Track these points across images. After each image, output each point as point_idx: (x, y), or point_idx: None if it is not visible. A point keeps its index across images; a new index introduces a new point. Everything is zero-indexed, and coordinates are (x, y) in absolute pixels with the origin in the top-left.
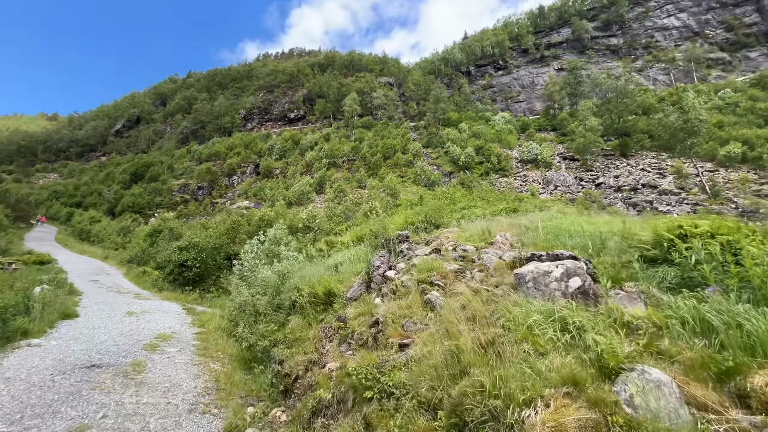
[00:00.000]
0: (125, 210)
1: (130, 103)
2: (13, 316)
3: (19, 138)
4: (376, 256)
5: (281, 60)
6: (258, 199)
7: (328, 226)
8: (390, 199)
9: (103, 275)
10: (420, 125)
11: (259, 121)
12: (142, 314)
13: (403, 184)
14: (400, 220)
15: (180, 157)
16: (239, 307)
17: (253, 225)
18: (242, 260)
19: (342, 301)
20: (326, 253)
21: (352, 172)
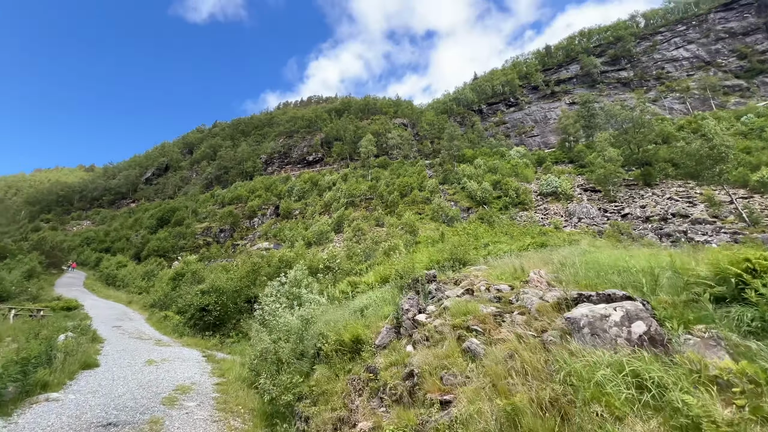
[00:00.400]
0: (150, 254)
1: (159, 153)
2: (35, 367)
3: (58, 189)
4: (404, 298)
5: (300, 107)
6: (278, 240)
7: (349, 265)
8: (409, 236)
9: (126, 321)
10: (435, 163)
11: (279, 165)
12: (162, 362)
13: (421, 221)
14: (425, 259)
15: (204, 202)
16: (260, 355)
17: (273, 266)
18: (262, 304)
19: (370, 348)
20: (350, 295)
21: (369, 210)
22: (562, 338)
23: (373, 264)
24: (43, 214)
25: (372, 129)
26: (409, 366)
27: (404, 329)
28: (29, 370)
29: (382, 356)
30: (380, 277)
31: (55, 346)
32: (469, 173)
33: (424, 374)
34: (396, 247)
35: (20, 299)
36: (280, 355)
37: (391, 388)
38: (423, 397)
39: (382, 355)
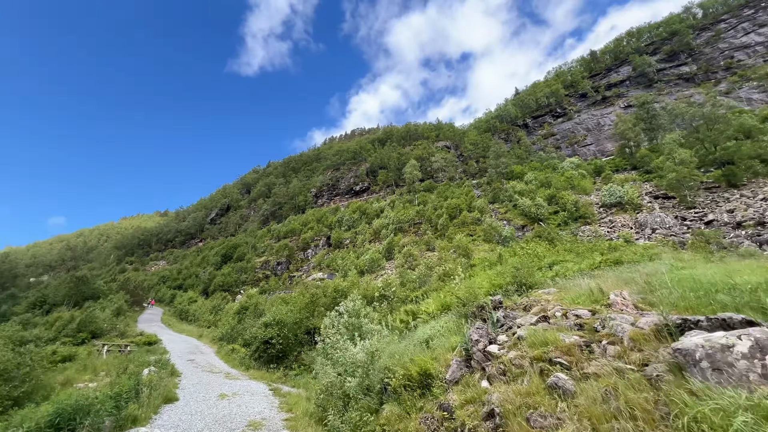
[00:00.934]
0: (216, 289)
1: (221, 194)
2: (126, 402)
3: (139, 234)
4: (471, 328)
5: (344, 141)
6: (331, 269)
7: (404, 293)
8: (463, 259)
9: (198, 354)
10: (482, 182)
11: (328, 197)
12: (233, 396)
13: (474, 243)
14: (485, 283)
15: (262, 237)
16: (326, 390)
17: (329, 297)
18: (324, 336)
19: (441, 383)
20: (411, 325)
21: (419, 235)
22: (672, 373)
23: (429, 290)
24: (127, 257)
25: (415, 154)
26: (488, 404)
27: (476, 362)
28: (122, 404)
29: (456, 392)
30: (441, 304)
31: (140, 380)
32: (520, 189)
33: (507, 414)
34: (452, 272)
35: (110, 335)
36: (346, 390)
37: (470, 430)
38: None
39: (455, 391)
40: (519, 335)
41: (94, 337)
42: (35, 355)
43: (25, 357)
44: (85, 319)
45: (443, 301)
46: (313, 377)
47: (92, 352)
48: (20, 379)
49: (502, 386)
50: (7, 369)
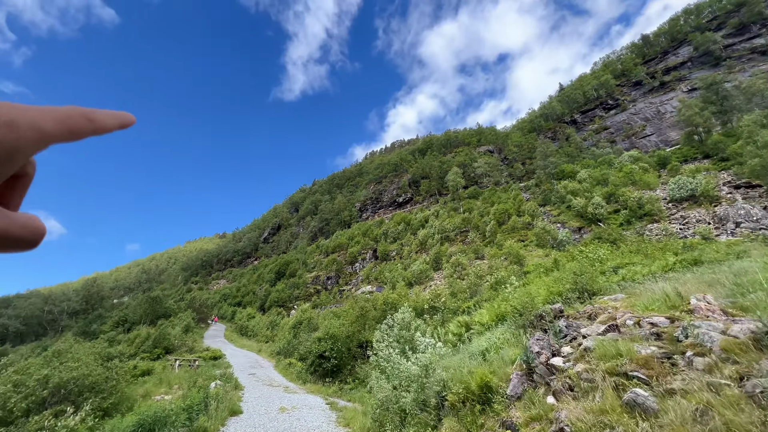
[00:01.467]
0: (272, 305)
1: (272, 214)
2: (197, 414)
3: (202, 255)
4: (531, 339)
5: (385, 154)
6: (379, 282)
7: (455, 303)
8: (515, 266)
9: (258, 368)
10: (530, 184)
11: (372, 210)
12: (293, 410)
13: (526, 249)
14: (542, 291)
15: (311, 253)
16: (382, 405)
17: (378, 310)
18: (376, 349)
19: (502, 399)
20: (464, 337)
21: (466, 243)
22: None
23: (481, 300)
24: (192, 277)
25: (457, 161)
26: (556, 423)
27: (539, 376)
28: (193, 416)
29: (519, 409)
30: (495, 315)
31: (209, 394)
32: (573, 189)
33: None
34: (505, 280)
35: (181, 351)
36: (402, 405)
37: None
38: None
39: (517, 408)
40: (586, 346)
41: (168, 353)
42: (120, 369)
43: (112, 371)
44: (159, 336)
45: (497, 311)
46: (368, 391)
47: (166, 366)
48: (108, 391)
49: (571, 403)
50: (97, 382)
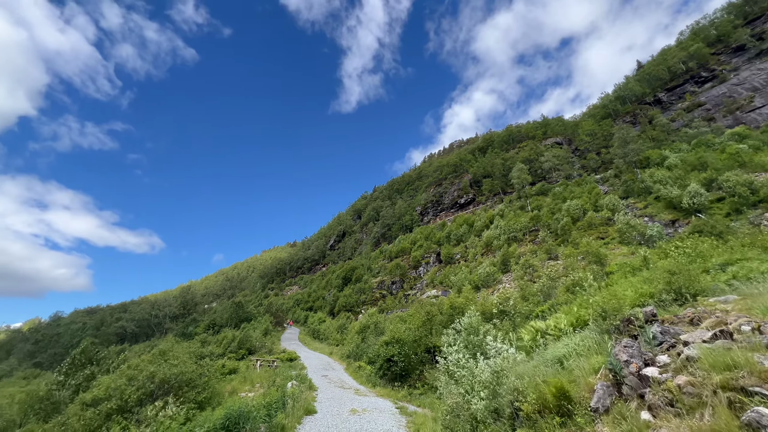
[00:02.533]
0: (340, 309)
1: (337, 222)
2: (276, 411)
3: (276, 263)
4: (618, 346)
5: (443, 155)
6: (444, 286)
7: (527, 308)
8: (595, 267)
9: (330, 370)
10: (608, 176)
11: (433, 213)
12: (363, 413)
13: (606, 247)
14: (630, 293)
15: (375, 258)
16: (452, 411)
17: (445, 314)
18: (445, 354)
19: (585, 411)
20: (539, 342)
21: (536, 243)
22: None
23: (556, 304)
24: (269, 284)
25: (521, 157)
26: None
27: (628, 388)
28: (272, 413)
29: (606, 424)
30: (574, 318)
31: (286, 393)
32: (662, 178)
33: None
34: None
35: (261, 352)
36: (473, 413)
37: None
38: None
39: (605, 423)
40: (688, 355)
41: (250, 353)
42: (210, 367)
43: (204, 369)
44: (243, 338)
45: (576, 315)
46: (437, 397)
47: (249, 366)
48: (202, 386)
49: (672, 420)
50: (192, 378)
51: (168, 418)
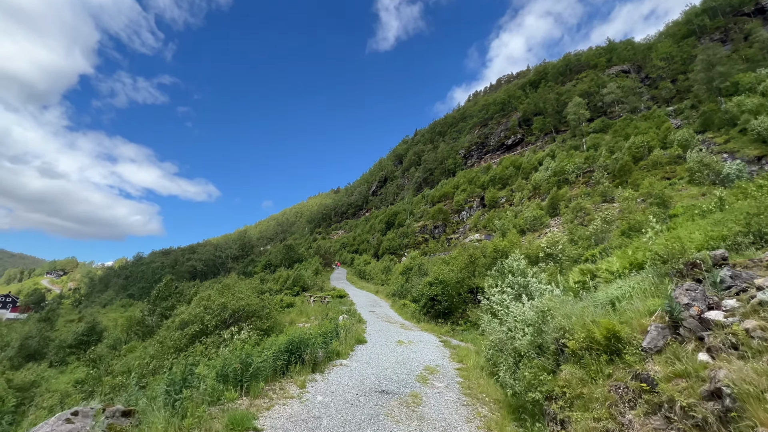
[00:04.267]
0: (384, 252)
1: (378, 168)
2: (331, 339)
3: (321, 209)
4: (679, 288)
5: (490, 93)
6: (488, 230)
7: (576, 251)
8: (657, 209)
9: (377, 307)
10: (683, 107)
11: (478, 156)
12: (409, 344)
13: (672, 188)
14: (697, 235)
15: (417, 203)
16: (495, 346)
17: (488, 257)
18: (488, 294)
19: (636, 351)
20: (589, 285)
21: (590, 185)
22: None
23: (608, 248)
24: (316, 228)
25: (579, 90)
26: (711, 382)
27: (686, 330)
28: (328, 341)
29: (658, 363)
30: (629, 262)
31: (338, 324)
32: (752, 107)
33: (743, 397)
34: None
35: (314, 289)
36: (517, 348)
37: (684, 408)
38: (749, 431)
39: (656, 362)
40: (761, 300)
41: (304, 290)
42: (270, 301)
43: (266, 302)
44: (297, 277)
45: (631, 258)
46: (479, 334)
47: (304, 301)
48: (265, 317)
49: (734, 362)
50: (257, 310)
51: (241, 341)
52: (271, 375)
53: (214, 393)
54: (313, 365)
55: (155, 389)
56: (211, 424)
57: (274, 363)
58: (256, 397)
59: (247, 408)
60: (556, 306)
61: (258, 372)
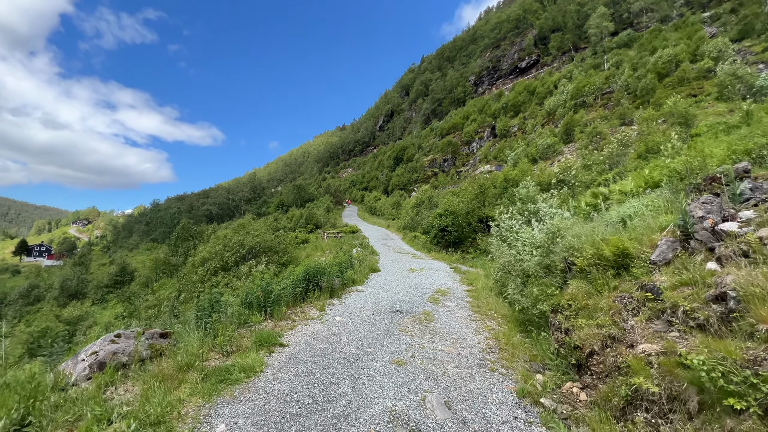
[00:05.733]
0: (394, 188)
1: (384, 102)
2: (345, 269)
3: (328, 148)
4: (694, 203)
5: (503, 8)
6: (498, 161)
7: (589, 176)
8: (679, 128)
9: (389, 240)
10: (721, 11)
11: (489, 82)
12: (421, 271)
13: (698, 106)
14: (719, 150)
15: (425, 136)
16: (504, 268)
17: (498, 187)
18: (498, 221)
19: (643, 264)
20: (601, 207)
21: (608, 108)
22: None
23: (623, 172)
24: (324, 168)
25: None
26: (717, 287)
27: (697, 242)
28: (343, 270)
29: (665, 274)
30: (644, 181)
31: (352, 256)
32: None
33: (747, 299)
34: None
35: (326, 226)
36: (525, 269)
37: (686, 312)
38: (749, 328)
39: (663, 273)
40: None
41: (317, 228)
42: (285, 237)
43: (281, 238)
44: (309, 215)
45: (647, 178)
46: (489, 260)
47: (318, 237)
48: (281, 252)
49: (743, 269)
50: (273, 246)
51: (260, 273)
52: (292, 301)
53: (240, 317)
54: (330, 292)
55: (186, 315)
56: (240, 342)
57: (293, 290)
58: (279, 320)
59: (272, 329)
60: (566, 227)
61: (279, 298)
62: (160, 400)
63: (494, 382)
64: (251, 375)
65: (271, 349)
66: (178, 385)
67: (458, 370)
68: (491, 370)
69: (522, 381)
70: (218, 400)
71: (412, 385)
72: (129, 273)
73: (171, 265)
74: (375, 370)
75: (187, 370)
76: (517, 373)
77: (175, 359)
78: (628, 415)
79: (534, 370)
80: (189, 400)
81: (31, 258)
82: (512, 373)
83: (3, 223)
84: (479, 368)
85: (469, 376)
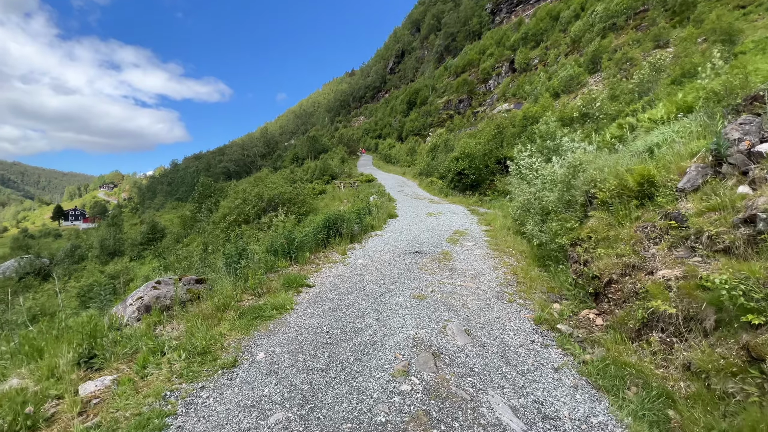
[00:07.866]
0: (408, 134)
1: (393, 41)
2: (364, 215)
3: (338, 96)
4: (731, 124)
5: None
6: (517, 98)
7: (616, 108)
8: (722, 46)
9: (405, 186)
10: None
11: (507, 9)
12: (438, 215)
13: (746, 18)
14: (766, 66)
15: (439, 76)
16: (523, 206)
17: (517, 126)
18: (517, 159)
19: (669, 192)
20: (627, 138)
21: (641, 29)
22: None
23: (653, 100)
24: (336, 118)
25: None
26: (747, 210)
27: (730, 166)
28: (362, 217)
29: (692, 201)
30: (676, 107)
31: (370, 204)
32: None
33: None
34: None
35: (342, 176)
36: (545, 206)
37: (711, 237)
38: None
39: (690, 200)
40: None
41: (333, 178)
42: (303, 189)
43: (299, 190)
44: (324, 167)
45: (680, 102)
46: (507, 201)
47: (335, 188)
48: (300, 203)
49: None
50: (291, 197)
51: (281, 222)
52: (315, 247)
53: (267, 263)
54: (350, 237)
55: (216, 263)
56: (270, 284)
57: (315, 237)
58: (304, 264)
59: (299, 272)
60: (588, 160)
61: (303, 245)
62: (204, 335)
63: (512, 311)
64: (283, 312)
65: (299, 290)
66: (217, 322)
67: (477, 302)
68: (509, 302)
69: (539, 310)
70: (255, 333)
71: (433, 316)
72: (159, 230)
73: (197, 221)
74: (397, 304)
75: (224, 310)
76: (534, 304)
77: (213, 301)
78: (643, 335)
79: (551, 300)
80: (229, 334)
81: (69, 222)
82: (530, 303)
83: (37, 191)
84: (497, 300)
85: (487, 307)
